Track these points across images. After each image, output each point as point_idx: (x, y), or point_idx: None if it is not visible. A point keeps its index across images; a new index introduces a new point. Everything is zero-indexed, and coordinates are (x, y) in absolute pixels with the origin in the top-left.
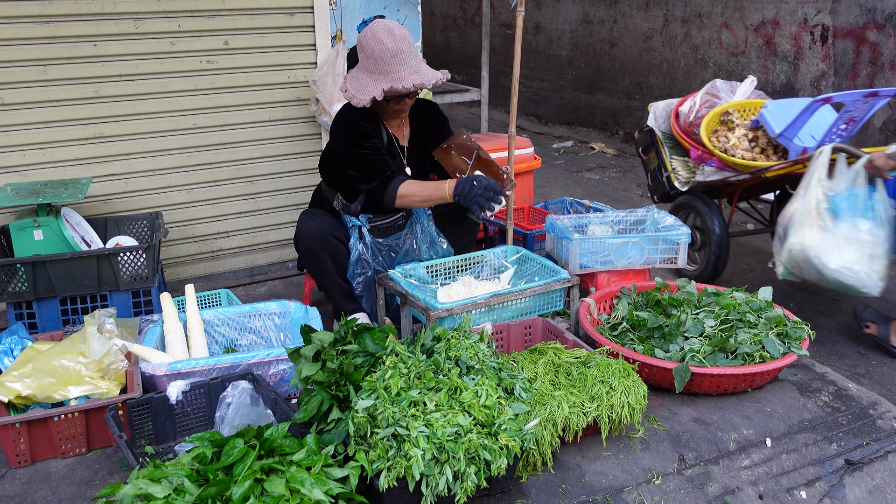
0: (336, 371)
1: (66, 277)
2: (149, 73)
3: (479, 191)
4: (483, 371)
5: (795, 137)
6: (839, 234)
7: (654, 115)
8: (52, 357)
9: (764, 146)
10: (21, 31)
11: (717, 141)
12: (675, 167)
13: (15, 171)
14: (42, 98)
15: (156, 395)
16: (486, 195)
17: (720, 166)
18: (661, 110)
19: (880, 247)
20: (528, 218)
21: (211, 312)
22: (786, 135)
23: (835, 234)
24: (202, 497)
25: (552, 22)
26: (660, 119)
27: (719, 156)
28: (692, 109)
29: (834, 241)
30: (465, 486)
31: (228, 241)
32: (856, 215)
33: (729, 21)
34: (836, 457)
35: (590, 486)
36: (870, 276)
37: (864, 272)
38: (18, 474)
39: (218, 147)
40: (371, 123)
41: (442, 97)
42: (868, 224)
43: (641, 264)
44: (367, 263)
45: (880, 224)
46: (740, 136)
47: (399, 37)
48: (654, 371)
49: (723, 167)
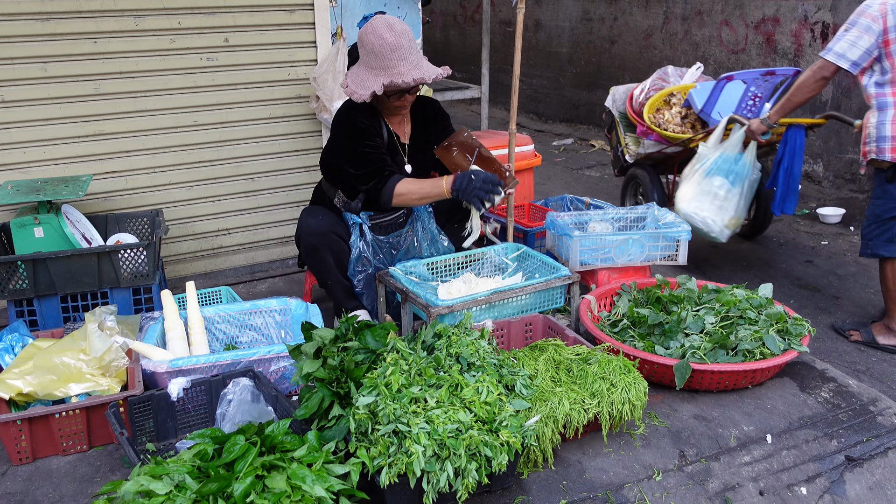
0: (337, 368)
1: (66, 275)
2: (149, 70)
3: (478, 184)
4: (484, 368)
5: (714, 112)
6: (699, 187)
7: (614, 98)
8: (53, 354)
9: (693, 122)
10: (21, 28)
11: (656, 118)
12: (627, 143)
13: (15, 169)
14: (42, 95)
15: (157, 393)
16: (485, 188)
17: (658, 140)
18: (620, 94)
19: (730, 202)
20: (528, 215)
21: (212, 310)
22: (705, 110)
23: (697, 186)
24: (203, 493)
25: (552, 19)
26: (618, 101)
27: (655, 130)
28: (643, 92)
29: (693, 192)
30: (466, 482)
31: (229, 238)
32: (720, 174)
33: (729, 18)
34: (836, 453)
35: (590, 482)
36: (715, 223)
37: (711, 219)
38: (20, 471)
39: (218, 144)
40: (372, 120)
41: (442, 94)
42: (721, 180)
43: (642, 261)
44: (368, 261)
45: (736, 183)
46: (674, 114)
47: (399, 32)
48: (654, 368)
49: (660, 140)
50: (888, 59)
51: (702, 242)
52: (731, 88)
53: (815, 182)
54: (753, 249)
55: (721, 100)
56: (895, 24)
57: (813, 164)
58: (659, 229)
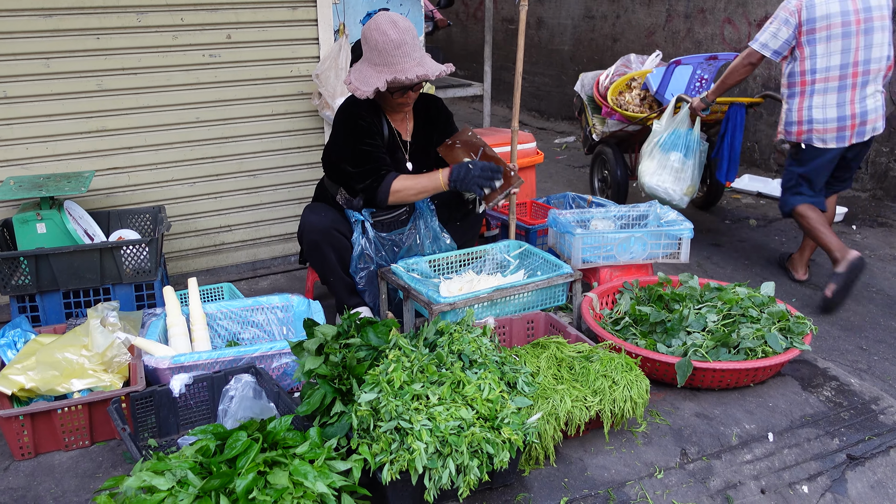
0: (339, 364)
1: (69, 271)
2: (152, 66)
3: (476, 172)
4: (486, 365)
5: (667, 93)
6: (659, 161)
7: (583, 83)
8: (55, 350)
9: (651, 103)
10: (24, 24)
11: (618, 100)
12: (594, 123)
13: (18, 165)
14: (45, 91)
15: (159, 389)
16: (484, 175)
17: (620, 119)
18: (588, 79)
19: (686, 173)
20: (530, 213)
21: (214, 306)
22: (659, 92)
23: (658, 161)
24: (205, 489)
25: (554, 17)
26: (587, 86)
27: (617, 110)
28: (608, 77)
29: (654, 166)
30: (467, 479)
31: (231, 234)
32: (674, 149)
33: (732, 16)
34: (838, 451)
35: (592, 479)
36: (676, 192)
37: (672, 189)
38: (22, 466)
39: (220, 141)
40: (373, 118)
41: (444, 92)
42: (677, 154)
43: (644, 259)
44: (370, 258)
45: (689, 155)
46: (634, 96)
47: (403, 28)
48: (656, 366)
49: (622, 120)
50: (799, 49)
51: (704, 241)
52: (681, 72)
53: None
54: (755, 248)
55: (672, 82)
56: (807, 19)
57: None
58: (661, 227)
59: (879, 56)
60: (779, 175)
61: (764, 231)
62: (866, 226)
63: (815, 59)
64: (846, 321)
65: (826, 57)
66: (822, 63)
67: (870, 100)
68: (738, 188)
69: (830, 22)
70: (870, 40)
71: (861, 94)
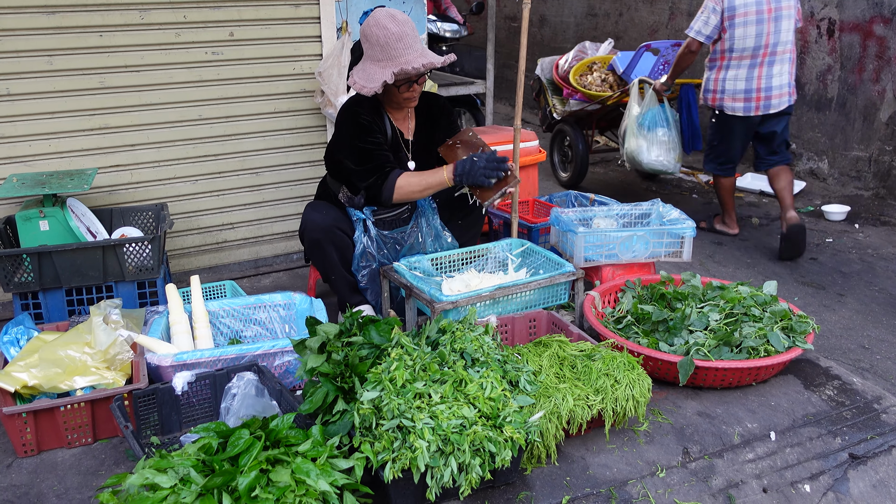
0: (341, 363)
1: (71, 268)
2: (154, 63)
3: (481, 163)
4: (488, 363)
5: (633, 74)
6: (649, 139)
7: (542, 67)
8: (57, 347)
9: (612, 84)
10: (27, 21)
11: (581, 80)
12: (554, 103)
13: (21, 162)
14: (47, 88)
15: (161, 386)
16: (490, 166)
17: (581, 98)
18: (547, 64)
19: (673, 143)
20: (532, 211)
21: (216, 304)
22: (626, 72)
23: (648, 139)
24: (208, 487)
25: (557, 15)
26: (546, 70)
27: (580, 90)
28: (566, 62)
29: (646, 144)
30: (469, 477)
31: (233, 232)
32: (657, 126)
33: None
34: (840, 451)
35: (594, 478)
36: (671, 162)
37: (667, 160)
38: (25, 463)
39: (223, 138)
40: (375, 117)
41: (447, 90)
42: (663, 130)
43: (646, 258)
44: (372, 256)
45: (670, 129)
46: (595, 77)
47: (402, 21)
48: (658, 364)
49: (583, 99)
50: (722, 31)
51: (706, 240)
52: (647, 56)
53: (820, 179)
54: (758, 246)
55: (639, 65)
56: (728, 7)
57: (818, 161)
58: (664, 226)
59: (785, 40)
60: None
61: (767, 230)
62: (869, 224)
63: (734, 41)
64: (849, 320)
65: (742, 39)
66: (739, 44)
67: (776, 78)
68: (742, 186)
69: (747, 10)
70: (778, 27)
71: (768, 73)
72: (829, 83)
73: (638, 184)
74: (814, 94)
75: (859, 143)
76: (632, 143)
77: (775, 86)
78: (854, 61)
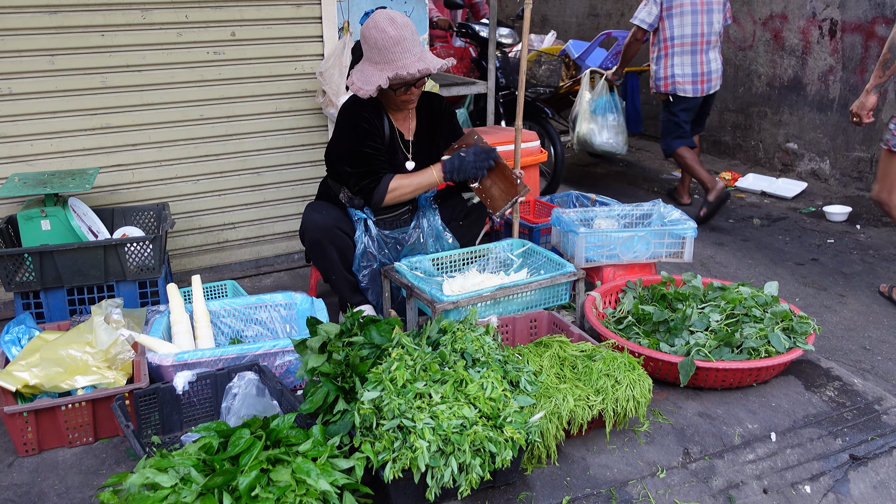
0: (342, 363)
1: (73, 268)
2: (156, 63)
3: (470, 158)
4: (489, 364)
5: (588, 60)
6: (600, 123)
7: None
8: (59, 347)
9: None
10: (29, 20)
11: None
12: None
13: (22, 161)
14: (49, 88)
15: (162, 386)
16: (479, 160)
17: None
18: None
19: (621, 127)
20: (533, 211)
21: (217, 303)
22: (581, 58)
23: (599, 123)
24: (209, 486)
25: (559, 15)
26: None
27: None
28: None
29: (597, 128)
30: (469, 477)
31: (234, 232)
32: (607, 111)
33: (737, 15)
34: (840, 452)
35: (594, 479)
36: (619, 143)
37: (616, 142)
38: (26, 463)
39: (224, 138)
40: (374, 118)
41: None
42: (612, 115)
43: (647, 258)
44: (373, 256)
45: (619, 114)
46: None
47: (401, 24)
48: (659, 365)
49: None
50: (662, 22)
51: (707, 240)
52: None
53: (821, 180)
54: (759, 247)
55: (595, 53)
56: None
57: (819, 161)
58: (665, 226)
59: (717, 30)
60: (783, 174)
61: (768, 230)
62: (870, 225)
63: (674, 30)
64: (850, 321)
65: (680, 27)
66: (678, 32)
67: (713, 63)
68: (743, 187)
69: (683, 2)
70: (710, 18)
71: (707, 58)
72: (830, 84)
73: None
74: (815, 94)
75: (861, 144)
76: (584, 128)
77: (713, 70)
78: (856, 62)
